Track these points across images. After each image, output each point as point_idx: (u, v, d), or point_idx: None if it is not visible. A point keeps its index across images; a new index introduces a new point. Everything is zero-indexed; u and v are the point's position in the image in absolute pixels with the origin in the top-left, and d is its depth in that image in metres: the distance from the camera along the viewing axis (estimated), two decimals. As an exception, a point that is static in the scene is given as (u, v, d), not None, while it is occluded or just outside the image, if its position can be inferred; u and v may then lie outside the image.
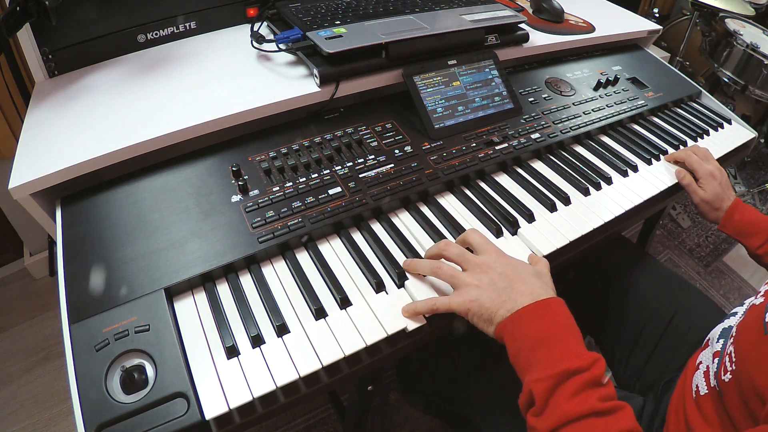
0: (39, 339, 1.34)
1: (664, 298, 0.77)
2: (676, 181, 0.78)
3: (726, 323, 0.57)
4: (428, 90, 0.75)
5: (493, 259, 0.53)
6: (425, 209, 0.66)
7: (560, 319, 0.49)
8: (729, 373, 0.48)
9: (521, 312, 0.48)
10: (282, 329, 0.50)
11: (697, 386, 0.54)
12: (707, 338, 0.60)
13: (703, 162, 0.79)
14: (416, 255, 0.59)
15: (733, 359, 0.48)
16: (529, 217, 0.66)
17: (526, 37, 0.88)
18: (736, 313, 0.57)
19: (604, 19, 1.07)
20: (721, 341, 0.54)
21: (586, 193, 0.72)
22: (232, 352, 0.48)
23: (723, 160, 0.87)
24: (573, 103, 0.86)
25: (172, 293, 0.52)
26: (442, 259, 0.56)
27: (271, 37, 0.77)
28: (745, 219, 0.75)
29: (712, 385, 0.51)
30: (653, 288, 0.79)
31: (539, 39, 0.93)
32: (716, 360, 0.52)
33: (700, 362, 0.57)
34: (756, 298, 0.52)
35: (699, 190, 0.77)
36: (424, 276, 0.56)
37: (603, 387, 0.44)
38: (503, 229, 0.64)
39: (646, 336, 0.74)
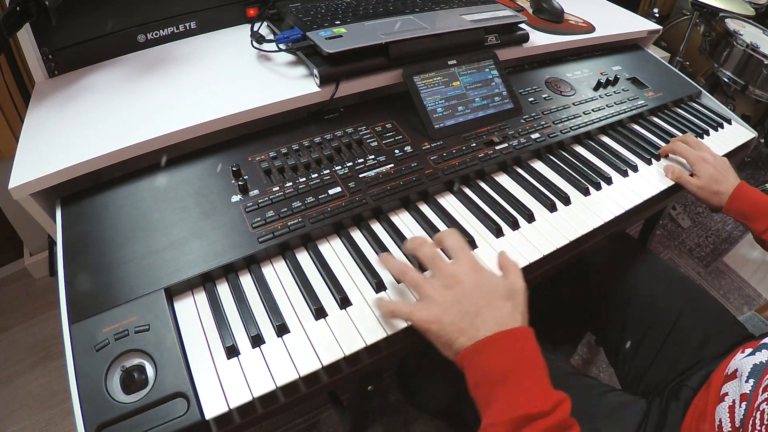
0: (39, 339, 1.34)
1: (669, 299, 0.76)
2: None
3: (758, 358, 0.53)
4: (428, 90, 0.75)
5: (463, 270, 0.49)
6: (425, 209, 0.66)
7: (525, 352, 0.45)
8: (756, 430, 0.44)
9: (483, 342, 0.45)
10: (282, 329, 0.50)
11: (720, 420, 0.51)
12: (735, 368, 0.55)
13: (693, 149, 0.79)
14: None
15: (765, 422, 0.44)
16: (529, 217, 0.66)
17: (526, 37, 0.88)
18: (766, 345, 0.54)
19: (604, 19, 1.07)
20: (751, 382, 0.50)
21: (586, 193, 0.72)
22: (232, 352, 0.48)
23: (723, 160, 0.87)
24: (573, 103, 0.86)
25: (172, 293, 0.52)
26: (424, 248, 0.52)
27: (271, 37, 0.77)
28: (750, 201, 0.73)
29: (736, 426, 0.49)
30: (658, 288, 0.78)
31: (539, 39, 0.93)
32: (744, 404, 0.49)
33: (726, 393, 0.53)
34: None
35: (692, 179, 0.76)
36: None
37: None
38: (503, 228, 0.64)
39: (650, 337, 0.74)
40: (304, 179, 0.64)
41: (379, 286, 0.55)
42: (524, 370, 0.44)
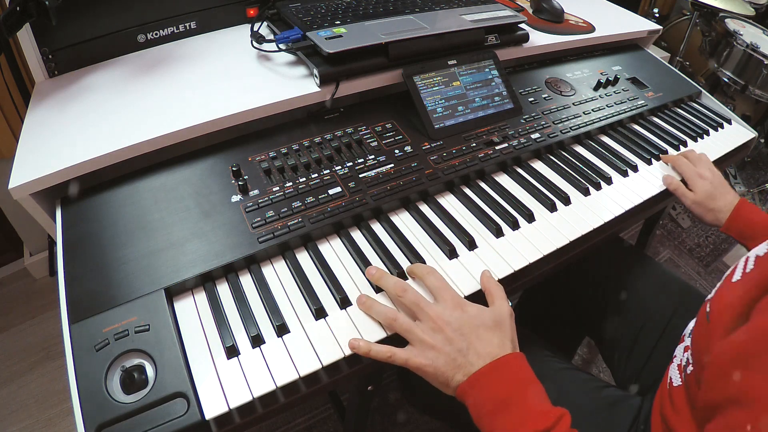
0: (39, 339, 1.34)
1: (663, 299, 0.77)
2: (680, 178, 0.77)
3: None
4: (428, 90, 0.75)
5: (448, 312, 0.50)
6: (425, 209, 0.66)
7: (519, 376, 0.48)
8: (690, 365, 0.49)
9: (478, 375, 0.47)
10: (282, 329, 0.50)
11: (671, 378, 0.55)
12: (683, 333, 0.60)
13: (692, 165, 0.78)
14: (416, 255, 0.59)
15: (690, 350, 0.49)
16: (529, 217, 0.66)
17: (526, 37, 0.88)
18: None
19: (604, 19, 1.07)
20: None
21: (586, 193, 0.72)
22: (232, 352, 0.48)
23: (723, 160, 0.87)
24: (573, 103, 0.86)
25: (172, 293, 0.52)
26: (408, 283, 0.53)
27: (271, 37, 0.77)
28: (750, 220, 0.73)
29: (683, 379, 0.53)
30: (652, 289, 0.79)
31: (539, 39, 0.93)
32: (686, 354, 0.53)
33: (675, 355, 0.58)
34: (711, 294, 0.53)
35: (688, 193, 0.76)
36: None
37: None
38: (503, 228, 0.64)
39: (645, 337, 0.74)
40: (304, 179, 0.64)
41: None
42: (521, 394, 0.46)
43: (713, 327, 0.45)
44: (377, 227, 0.63)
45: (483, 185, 0.71)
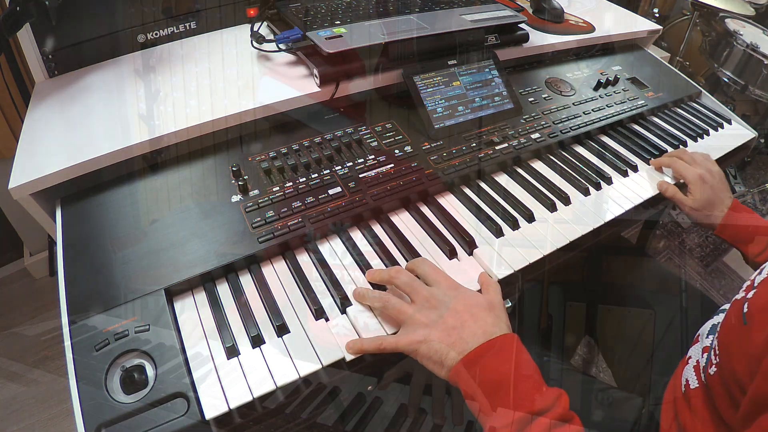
0: (39, 339, 1.34)
1: (665, 299, 0.77)
2: (675, 181, 0.76)
3: (715, 319, 0.57)
4: (428, 90, 0.75)
5: (442, 291, 0.50)
6: (425, 209, 0.66)
7: (515, 357, 0.46)
8: (714, 366, 0.48)
9: (473, 354, 0.46)
10: (282, 329, 0.50)
11: (687, 380, 0.54)
12: (697, 334, 0.60)
13: (691, 166, 0.75)
14: (416, 255, 0.59)
15: (717, 352, 0.48)
16: (529, 217, 0.66)
17: (526, 37, 0.88)
18: (725, 310, 0.57)
19: (604, 19, 1.07)
20: (711, 337, 0.54)
21: (586, 193, 0.72)
22: (232, 352, 0.48)
23: (723, 160, 0.87)
24: (573, 103, 0.86)
25: (172, 293, 0.52)
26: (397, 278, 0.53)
27: (271, 37, 0.77)
28: (744, 223, 0.71)
29: (702, 380, 0.52)
30: (654, 290, 0.79)
31: (539, 39, 0.93)
32: (705, 355, 0.53)
33: (690, 356, 0.57)
34: (738, 294, 0.53)
35: (686, 200, 0.73)
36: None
37: (570, 424, 0.43)
38: (503, 228, 0.64)
39: (647, 337, 0.74)
40: (304, 179, 0.64)
41: (378, 286, 0.55)
42: (518, 373, 0.45)
43: (755, 327, 0.43)
44: (377, 227, 0.63)
45: (483, 185, 0.71)
